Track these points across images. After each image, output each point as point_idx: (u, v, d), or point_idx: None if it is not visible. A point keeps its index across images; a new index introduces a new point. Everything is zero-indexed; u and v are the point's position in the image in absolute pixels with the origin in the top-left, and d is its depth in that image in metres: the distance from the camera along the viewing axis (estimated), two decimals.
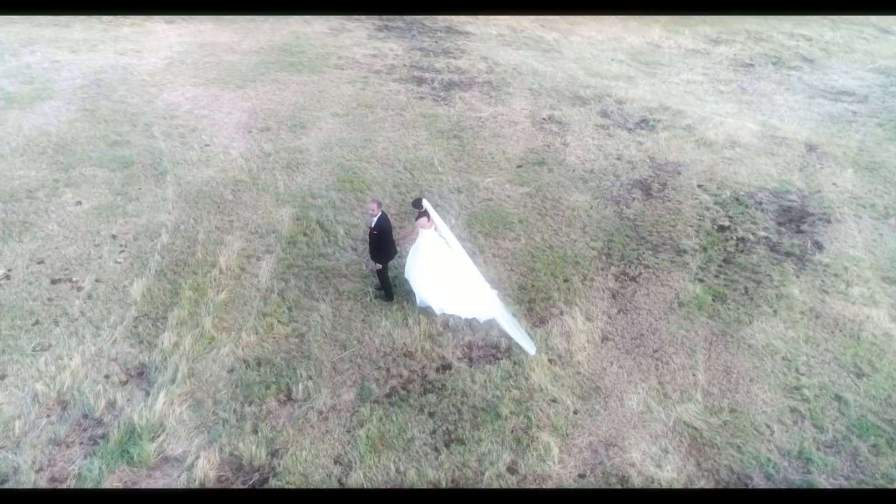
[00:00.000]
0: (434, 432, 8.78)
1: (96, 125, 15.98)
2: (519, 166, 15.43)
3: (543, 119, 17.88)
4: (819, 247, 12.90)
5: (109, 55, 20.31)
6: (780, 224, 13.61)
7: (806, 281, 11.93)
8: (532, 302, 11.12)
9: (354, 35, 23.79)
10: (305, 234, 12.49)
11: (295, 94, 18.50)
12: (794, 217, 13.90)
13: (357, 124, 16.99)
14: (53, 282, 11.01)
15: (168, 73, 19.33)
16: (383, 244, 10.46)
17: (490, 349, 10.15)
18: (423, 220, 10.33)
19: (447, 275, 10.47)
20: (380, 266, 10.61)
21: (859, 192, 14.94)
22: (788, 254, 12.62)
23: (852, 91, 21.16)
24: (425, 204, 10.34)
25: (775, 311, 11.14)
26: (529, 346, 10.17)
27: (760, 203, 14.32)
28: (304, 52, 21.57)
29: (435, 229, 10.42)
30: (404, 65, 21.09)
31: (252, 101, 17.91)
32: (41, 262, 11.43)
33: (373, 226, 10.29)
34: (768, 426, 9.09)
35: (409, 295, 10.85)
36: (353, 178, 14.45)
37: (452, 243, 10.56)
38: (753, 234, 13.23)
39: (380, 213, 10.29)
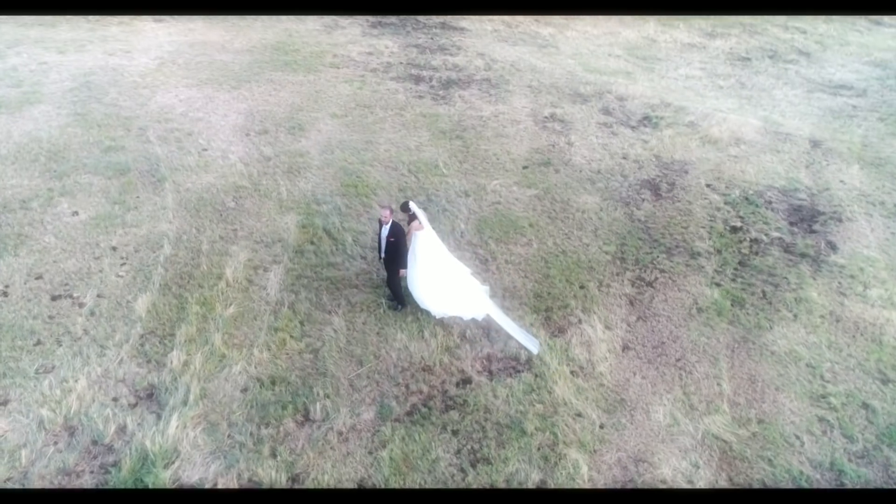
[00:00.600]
0: (459, 452, 8.50)
1: (89, 130, 15.47)
2: (525, 167, 15.14)
3: (546, 117, 17.59)
4: (833, 247, 12.75)
5: (98, 56, 19.74)
6: (791, 224, 13.45)
7: (823, 283, 11.77)
8: (549, 310, 10.85)
9: (348, 32, 23.34)
10: (312, 243, 12.13)
11: (291, 94, 18.07)
12: (805, 216, 13.74)
13: (357, 125, 16.61)
14: (53, 298, 10.58)
15: (160, 73, 18.80)
16: (399, 251, 10.19)
17: (510, 361, 9.88)
18: (416, 223, 10.12)
19: (445, 277, 10.27)
20: (405, 272, 10.34)
21: (868, 190, 14.80)
22: (803, 255, 12.46)
23: (850, 85, 21.07)
24: (412, 206, 10.14)
25: (795, 316, 10.97)
26: (532, 345, 9.97)
27: (770, 202, 14.15)
28: (298, 51, 21.10)
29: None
30: (401, 62, 20.70)
31: (248, 102, 17.47)
32: (39, 277, 10.99)
33: (388, 234, 10.05)
34: (798, 437, 8.91)
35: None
36: (357, 182, 14.09)
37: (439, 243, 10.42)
38: (766, 234, 13.05)
39: (391, 220, 10.04)
